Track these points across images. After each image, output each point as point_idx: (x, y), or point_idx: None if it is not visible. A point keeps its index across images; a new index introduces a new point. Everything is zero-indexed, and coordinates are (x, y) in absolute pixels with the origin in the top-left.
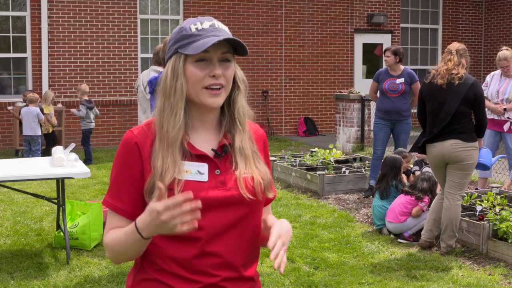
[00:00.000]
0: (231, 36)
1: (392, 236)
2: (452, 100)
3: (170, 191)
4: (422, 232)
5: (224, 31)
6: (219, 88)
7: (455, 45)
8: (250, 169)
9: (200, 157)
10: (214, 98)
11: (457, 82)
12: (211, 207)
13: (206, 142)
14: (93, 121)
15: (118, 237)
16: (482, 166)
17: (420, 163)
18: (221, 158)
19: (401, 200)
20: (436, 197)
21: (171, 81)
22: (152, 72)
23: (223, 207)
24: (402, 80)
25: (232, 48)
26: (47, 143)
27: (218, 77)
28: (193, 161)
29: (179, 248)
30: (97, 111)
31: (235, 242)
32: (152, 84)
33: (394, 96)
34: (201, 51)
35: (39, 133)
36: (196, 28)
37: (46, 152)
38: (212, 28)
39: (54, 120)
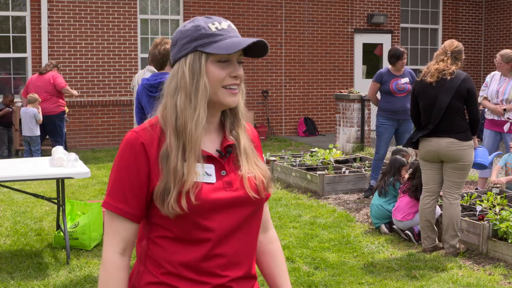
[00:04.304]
0: (259, 39)
1: (391, 235)
2: (444, 95)
3: (187, 194)
4: (421, 241)
5: (238, 32)
6: (236, 88)
7: (452, 45)
8: (252, 168)
9: (207, 158)
10: (234, 97)
11: (448, 77)
12: (220, 208)
13: (210, 143)
14: None
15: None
16: (479, 166)
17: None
18: (226, 159)
19: (407, 200)
20: (420, 203)
21: (191, 80)
22: (147, 72)
23: (231, 208)
24: (406, 79)
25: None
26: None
27: (238, 78)
28: (200, 162)
29: (188, 251)
30: None
31: (241, 241)
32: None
33: (401, 96)
34: (235, 51)
35: (38, 133)
36: (216, 28)
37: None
38: (230, 28)
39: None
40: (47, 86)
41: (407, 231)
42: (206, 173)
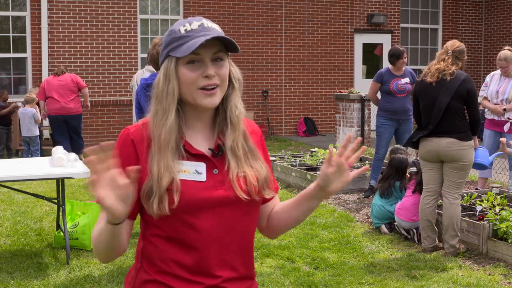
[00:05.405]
0: (219, 34)
1: (391, 235)
2: (444, 96)
3: (169, 191)
4: (422, 241)
5: (214, 29)
6: (214, 88)
7: (453, 45)
8: (243, 169)
9: (198, 156)
10: (209, 98)
11: (449, 78)
12: (211, 207)
13: (203, 141)
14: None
15: (97, 229)
16: (479, 166)
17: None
18: (219, 157)
19: (413, 200)
20: (420, 203)
21: (163, 85)
22: (146, 72)
23: (222, 207)
24: (407, 79)
25: (225, 47)
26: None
27: (211, 77)
28: (191, 161)
29: (180, 249)
30: None
31: (234, 242)
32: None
33: (402, 96)
34: (190, 52)
35: (37, 133)
36: (185, 30)
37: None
38: (201, 28)
39: None
40: (70, 84)
41: (412, 229)
42: (196, 171)
